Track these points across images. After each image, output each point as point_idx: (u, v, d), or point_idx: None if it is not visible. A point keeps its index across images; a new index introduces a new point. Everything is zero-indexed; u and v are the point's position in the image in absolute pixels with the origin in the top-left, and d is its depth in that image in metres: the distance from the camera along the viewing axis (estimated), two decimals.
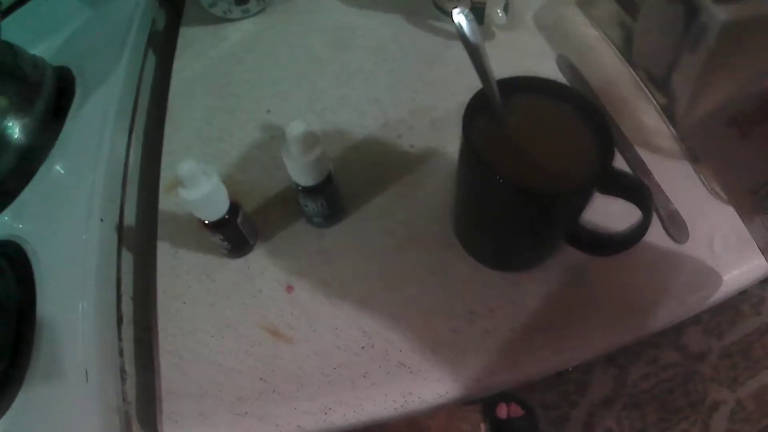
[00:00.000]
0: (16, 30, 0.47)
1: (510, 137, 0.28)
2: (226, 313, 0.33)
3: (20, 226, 0.43)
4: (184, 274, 0.35)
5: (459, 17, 0.26)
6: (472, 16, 0.26)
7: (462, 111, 0.26)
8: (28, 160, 0.45)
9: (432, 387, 0.30)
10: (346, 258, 0.34)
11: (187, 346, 0.33)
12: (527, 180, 0.25)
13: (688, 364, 0.67)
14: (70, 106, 0.45)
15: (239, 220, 0.32)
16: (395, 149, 0.38)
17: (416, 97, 0.41)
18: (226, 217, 0.31)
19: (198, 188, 0.29)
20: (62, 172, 0.44)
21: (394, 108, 0.41)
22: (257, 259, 0.35)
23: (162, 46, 0.49)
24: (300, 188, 0.31)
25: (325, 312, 0.32)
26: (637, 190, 0.27)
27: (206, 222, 0.31)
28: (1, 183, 0.45)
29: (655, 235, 0.35)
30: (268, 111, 0.41)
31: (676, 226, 0.35)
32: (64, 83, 0.47)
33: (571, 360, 0.32)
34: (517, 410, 0.69)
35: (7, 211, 0.44)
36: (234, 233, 0.32)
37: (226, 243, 0.32)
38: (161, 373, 0.33)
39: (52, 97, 0.45)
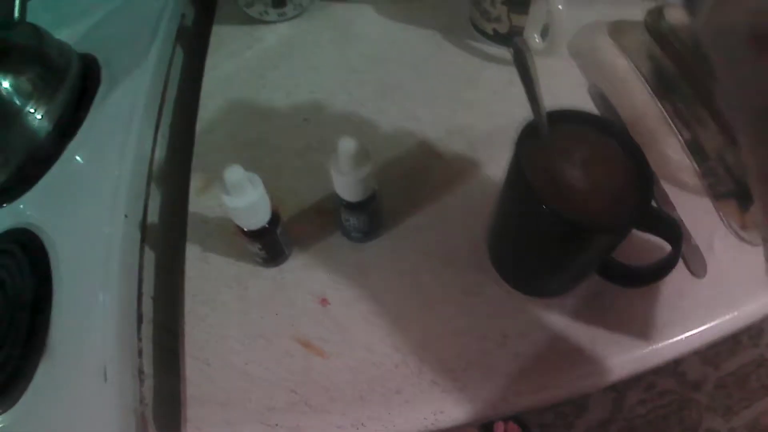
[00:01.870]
0: (41, 12, 0.47)
1: (553, 166, 0.29)
2: (257, 322, 0.34)
3: (36, 214, 0.43)
4: (214, 279, 0.36)
5: (516, 46, 0.27)
6: (528, 46, 0.27)
7: (500, 133, 0.28)
8: (48, 148, 0.45)
9: (463, 406, 0.31)
10: (381, 274, 0.35)
11: (215, 353, 0.34)
12: (565, 209, 0.27)
13: (685, 392, 0.70)
14: (95, 95, 0.45)
15: (279, 230, 0.33)
16: (432, 168, 0.40)
17: (454, 117, 0.43)
18: (267, 226, 0.32)
19: (243, 196, 0.30)
20: (82, 162, 0.44)
21: (431, 126, 0.42)
22: (291, 269, 0.36)
23: (190, 42, 0.49)
24: (344, 203, 0.32)
25: (360, 327, 0.34)
26: (672, 229, 0.29)
27: (245, 230, 0.32)
28: (18, 169, 0.45)
29: (676, 269, 0.38)
30: (305, 119, 0.43)
31: (695, 261, 0.38)
32: (88, 71, 0.47)
33: (595, 385, 0.34)
34: (514, 429, 0.71)
35: (24, 198, 0.45)
36: (272, 243, 0.33)
37: (263, 252, 0.33)
38: (186, 378, 0.34)
39: (77, 85, 0.46)
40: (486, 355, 0.33)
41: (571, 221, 0.27)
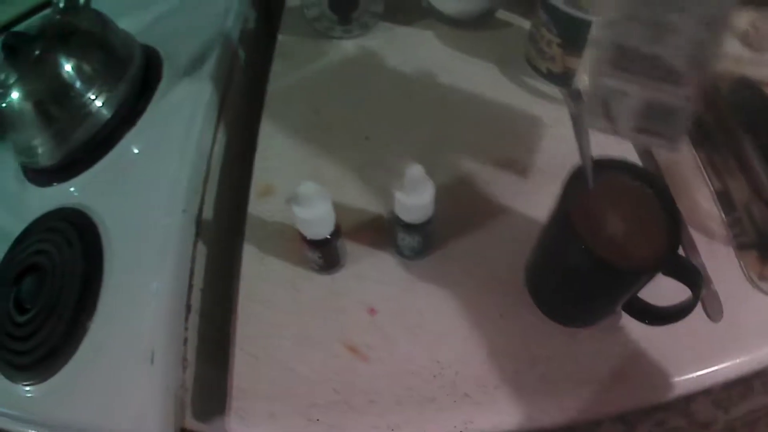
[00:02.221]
0: (104, 0, 0.53)
1: (593, 209, 0.35)
2: (307, 324, 0.39)
3: (87, 197, 0.48)
4: (269, 280, 0.41)
5: (575, 97, 0.34)
6: (582, 95, 0.34)
7: (547, 169, 0.34)
8: (105, 135, 0.49)
9: (491, 419, 0.36)
10: (427, 291, 0.40)
11: (265, 349, 0.39)
12: (601, 250, 0.32)
13: (693, 431, 0.76)
14: (156, 88, 0.50)
15: (338, 241, 0.39)
16: (482, 196, 0.45)
17: (505, 148, 0.47)
18: (328, 237, 0.37)
19: (313, 208, 0.35)
20: (138, 153, 0.49)
21: (484, 156, 0.47)
22: (344, 278, 0.41)
23: (251, 46, 0.55)
24: (402, 223, 0.37)
25: (403, 338, 0.38)
26: (694, 276, 0.35)
27: (308, 238, 0.38)
28: (72, 152, 0.50)
29: (694, 311, 0.44)
30: (367, 137, 0.47)
31: (713, 306, 0.43)
32: (150, 64, 0.52)
33: (611, 411, 0.39)
34: None
35: (75, 181, 0.49)
36: (331, 252, 0.38)
37: (321, 260, 0.38)
38: (234, 369, 0.38)
39: (138, 76, 0.50)
40: (516, 375, 0.38)
41: (605, 261, 0.32)
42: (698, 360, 0.41)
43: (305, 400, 0.37)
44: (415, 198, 0.35)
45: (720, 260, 0.45)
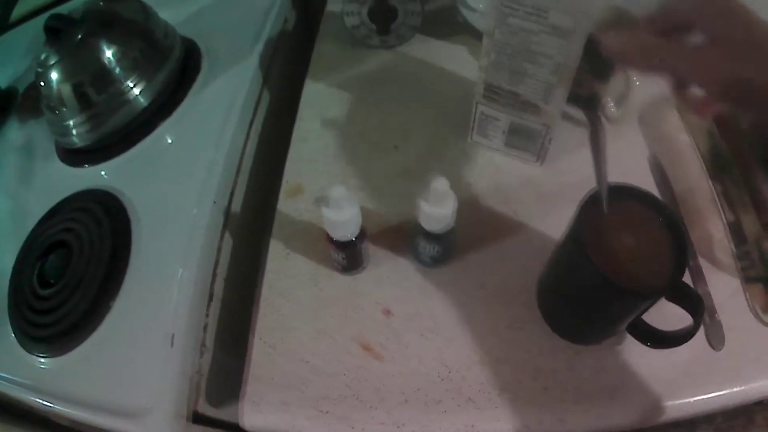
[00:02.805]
0: None
1: (606, 233, 0.38)
2: (326, 320, 0.42)
3: (118, 181, 0.51)
4: (292, 276, 0.44)
5: (594, 123, 0.36)
6: (603, 125, 0.36)
7: (566, 189, 0.36)
8: (140, 123, 0.53)
9: (492, 425, 0.39)
10: (442, 298, 0.43)
11: (283, 340, 0.42)
12: (610, 272, 0.34)
13: None
14: (194, 81, 0.53)
15: (363, 244, 0.42)
16: (501, 212, 0.48)
17: (527, 168, 0.50)
18: (354, 240, 0.40)
19: (341, 211, 0.38)
20: (171, 143, 0.52)
21: (507, 173, 0.50)
22: (364, 279, 0.44)
23: (289, 47, 0.58)
24: (424, 232, 0.40)
25: (415, 340, 0.41)
26: (695, 304, 0.38)
27: (334, 239, 0.41)
28: (106, 137, 0.53)
29: (696, 338, 0.46)
30: (396, 147, 0.51)
31: (715, 335, 0.46)
32: (189, 56, 0.55)
33: (608, 427, 0.42)
34: None
35: (106, 165, 0.53)
36: (354, 254, 0.41)
37: (345, 261, 0.41)
38: (252, 358, 0.42)
39: (177, 68, 0.53)
40: (519, 385, 0.40)
41: (613, 282, 0.35)
42: (696, 386, 0.43)
43: (317, 392, 0.40)
44: (438, 209, 0.38)
45: (726, 291, 0.47)
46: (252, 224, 0.50)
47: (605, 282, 0.35)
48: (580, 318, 0.42)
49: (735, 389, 0.44)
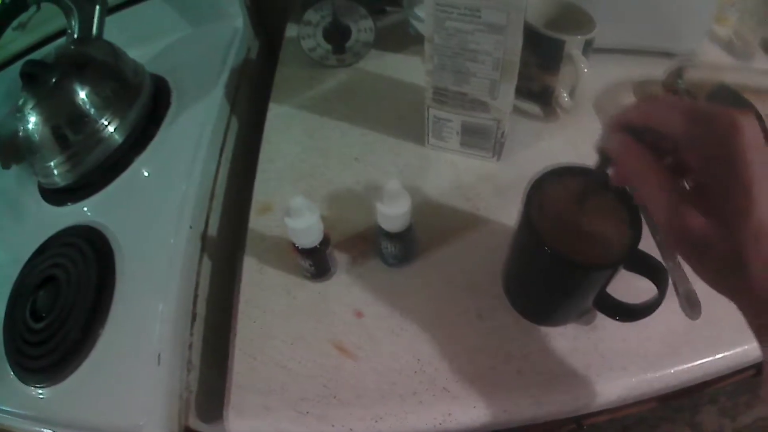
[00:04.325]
0: (114, 32, 0.62)
1: (558, 214, 0.41)
2: (300, 326, 0.47)
3: (100, 216, 0.56)
4: (267, 288, 0.49)
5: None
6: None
7: (524, 180, 0.40)
8: (117, 159, 0.58)
9: (468, 412, 0.43)
10: (410, 295, 0.48)
11: (262, 349, 0.46)
12: (569, 251, 0.38)
13: None
14: (165, 115, 0.59)
15: (328, 250, 0.46)
16: (463, 209, 0.53)
17: (485, 164, 0.55)
18: (318, 246, 0.45)
19: (302, 219, 0.43)
20: (148, 176, 0.58)
21: (465, 171, 0.55)
22: (334, 284, 0.48)
23: (254, 74, 0.64)
24: (384, 232, 0.44)
25: (387, 338, 0.46)
26: (657, 271, 0.41)
27: (299, 248, 0.45)
28: (86, 175, 0.59)
29: (672, 309, 0.47)
30: (356, 159, 0.56)
31: (691, 304, 0.48)
32: (159, 92, 0.61)
33: (587, 407, 0.45)
34: None
35: (88, 201, 0.58)
36: (321, 260, 0.46)
37: (312, 268, 0.46)
38: (234, 369, 0.46)
39: (149, 103, 0.59)
40: (492, 371, 0.44)
41: (565, 259, 0.38)
42: (677, 356, 0.46)
43: (297, 394, 0.44)
44: (393, 209, 0.43)
45: None
46: (229, 245, 0.55)
47: (558, 258, 0.38)
48: (544, 299, 0.45)
49: (717, 356, 0.46)
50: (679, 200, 0.26)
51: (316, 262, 0.46)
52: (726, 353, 0.47)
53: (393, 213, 0.43)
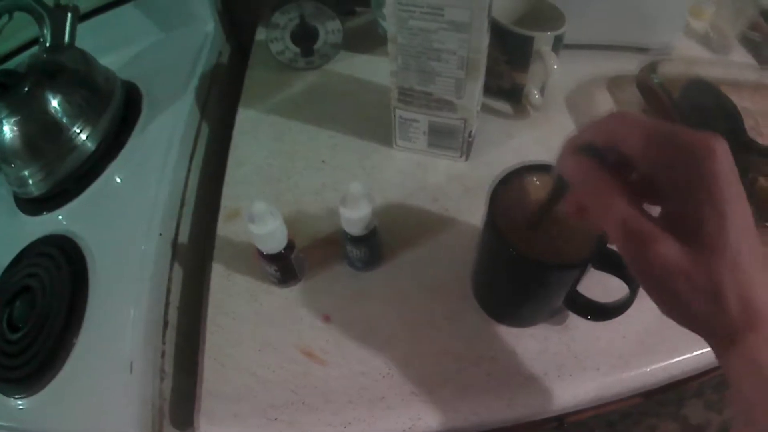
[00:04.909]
0: (87, 39, 0.60)
1: (524, 214, 0.40)
2: (268, 333, 0.45)
3: (75, 225, 0.55)
4: (235, 294, 0.47)
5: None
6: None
7: (490, 181, 0.39)
8: (90, 167, 0.57)
9: (437, 415, 0.41)
10: (377, 299, 0.46)
11: (230, 356, 0.45)
12: (537, 252, 0.36)
13: None
14: (137, 122, 0.57)
15: (293, 255, 0.44)
16: (431, 211, 0.51)
17: (454, 165, 0.54)
18: (283, 251, 0.43)
19: (265, 225, 0.41)
20: (121, 183, 0.56)
21: (434, 172, 0.53)
22: (301, 290, 0.47)
23: (225, 78, 0.62)
24: (348, 236, 0.43)
25: (355, 343, 0.44)
26: (626, 269, 0.39)
27: (264, 253, 0.44)
28: (59, 183, 0.57)
29: (647, 307, 0.46)
30: (323, 161, 0.54)
31: None
32: (130, 98, 0.59)
33: (560, 408, 0.43)
34: None
35: (63, 210, 0.56)
36: (286, 266, 0.44)
37: (278, 273, 0.44)
38: (203, 376, 0.45)
39: (120, 110, 0.57)
40: (461, 374, 0.42)
41: (529, 259, 0.36)
42: (653, 354, 0.44)
43: (265, 401, 0.43)
44: (356, 212, 0.41)
45: None
46: (201, 252, 0.53)
47: (522, 259, 0.36)
48: (512, 301, 0.44)
49: (695, 353, 0.45)
50: (649, 226, 0.24)
51: (281, 268, 0.44)
52: (705, 349, 0.44)
53: (355, 216, 0.41)
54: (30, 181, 0.57)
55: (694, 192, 0.23)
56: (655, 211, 0.25)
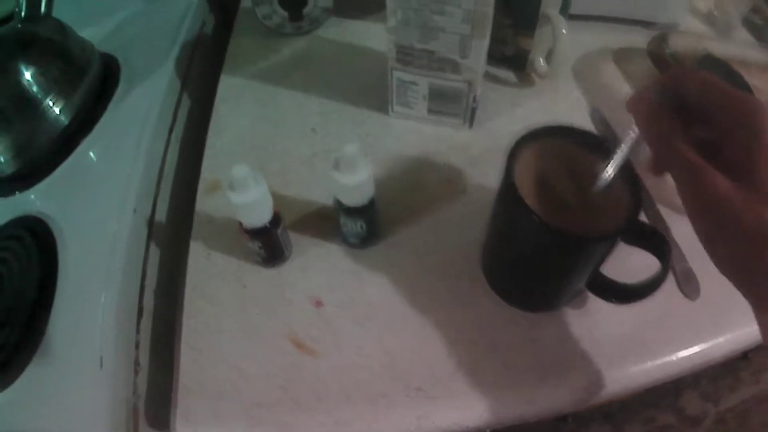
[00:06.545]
0: (67, 9, 0.50)
1: (545, 180, 0.31)
2: (253, 319, 0.36)
3: (47, 204, 0.45)
4: (214, 275, 0.38)
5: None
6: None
7: (500, 150, 0.30)
8: (63, 142, 0.47)
9: (448, 414, 0.32)
10: (376, 280, 0.37)
11: (210, 345, 0.35)
12: (558, 222, 0.28)
13: (684, 427, 0.70)
14: (113, 95, 0.48)
15: (279, 230, 0.35)
16: (433, 181, 0.42)
17: (457, 134, 0.45)
18: (268, 225, 0.34)
19: (247, 193, 0.32)
20: (95, 159, 0.47)
21: (434, 141, 0.45)
22: (289, 270, 0.38)
23: (208, 49, 0.53)
24: (343, 207, 0.34)
25: (351, 330, 0.35)
26: (659, 243, 0.30)
27: (247, 228, 0.34)
28: (32, 160, 0.47)
29: (668, 290, 0.37)
30: (313, 129, 0.45)
31: (689, 284, 0.38)
32: (108, 71, 0.50)
33: (584, 401, 0.35)
34: None
35: (36, 188, 0.47)
36: (272, 242, 0.35)
37: (262, 251, 0.35)
38: (180, 367, 0.35)
39: (96, 83, 0.48)
40: (474, 365, 0.34)
41: (556, 229, 0.28)
42: (677, 341, 0.36)
43: (250, 398, 0.34)
44: (352, 177, 0.32)
45: (693, 237, 0.40)
46: (179, 231, 0.44)
47: (548, 230, 0.28)
48: (531, 281, 0.35)
49: (719, 340, 0.37)
50: (705, 162, 0.23)
51: (266, 244, 0.35)
52: (728, 336, 0.37)
53: (352, 182, 0.32)
54: (1, 159, 0.47)
55: (747, 139, 0.23)
56: None
